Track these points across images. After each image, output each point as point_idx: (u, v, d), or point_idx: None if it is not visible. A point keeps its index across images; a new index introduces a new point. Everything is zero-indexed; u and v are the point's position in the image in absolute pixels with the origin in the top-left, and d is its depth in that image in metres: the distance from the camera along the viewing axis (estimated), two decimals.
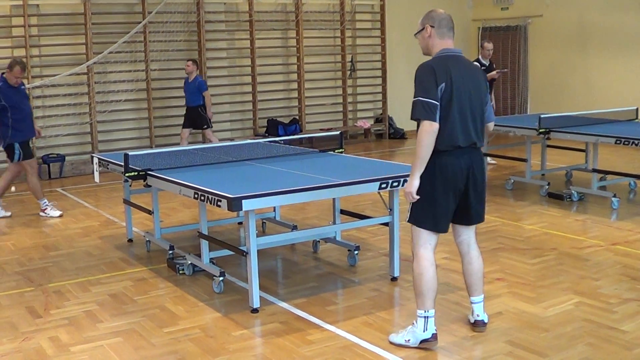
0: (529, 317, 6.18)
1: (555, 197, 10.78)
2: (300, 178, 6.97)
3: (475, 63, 13.41)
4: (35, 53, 14.64)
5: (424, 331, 5.53)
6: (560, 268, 7.52)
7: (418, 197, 5.41)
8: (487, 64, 13.60)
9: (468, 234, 5.87)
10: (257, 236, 6.46)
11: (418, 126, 5.30)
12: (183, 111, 15.28)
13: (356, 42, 18.72)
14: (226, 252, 7.39)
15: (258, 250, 6.46)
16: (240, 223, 9.48)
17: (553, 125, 10.79)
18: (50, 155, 14.51)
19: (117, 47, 14.89)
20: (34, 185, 10.94)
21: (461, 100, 5.39)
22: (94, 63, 14.77)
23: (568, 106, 16.42)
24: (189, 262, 7.63)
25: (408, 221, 5.60)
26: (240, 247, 6.90)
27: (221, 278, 7.04)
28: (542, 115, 10.96)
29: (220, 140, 15.53)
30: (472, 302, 5.94)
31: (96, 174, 8.78)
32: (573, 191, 10.68)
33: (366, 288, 7.07)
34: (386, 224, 7.29)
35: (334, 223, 8.13)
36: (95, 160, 8.79)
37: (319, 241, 8.45)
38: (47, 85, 14.47)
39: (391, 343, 5.71)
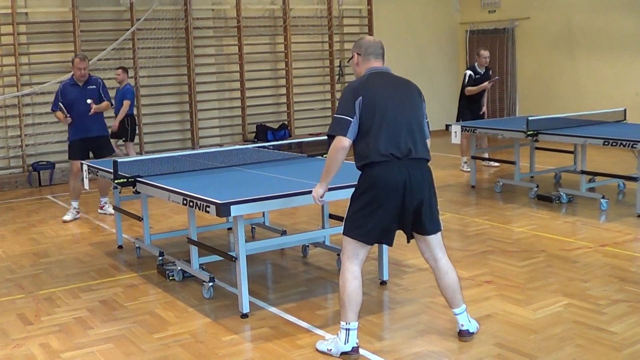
0: (518, 319, 6.20)
1: (544, 199, 10.81)
2: (289, 183, 7.00)
3: (468, 71, 13.55)
4: (24, 61, 14.65)
5: (345, 343, 5.55)
6: (549, 270, 7.55)
7: (323, 199, 5.81)
8: (483, 72, 13.60)
9: (430, 250, 5.74)
10: (246, 241, 6.49)
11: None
12: (173, 117, 15.35)
13: (344, 47, 18.73)
14: (215, 257, 7.43)
15: (247, 256, 6.49)
16: (229, 229, 9.49)
17: (541, 128, 10.82)
18: (40, 163, 14.51)
19: (106, 54, 14.89)
20: (70, 186, 11.18)
21: (388, 110, 5.41)
22: None
23: (556, 108, 16.47)
24: (179, 268, 7.64)
25: (343, 233, 5.63)
26: (230, 253, 6.89)
27: (211, 283, 7.05)
28: (530, 118, 10.99)
29: (210, 146, 15.56)
30: (454, 314, 5.89)
31: (86, 181, 8.80)
32: (562, 193, 10.72)
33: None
34: None
35: (323, 227, 8.13)
36: (85, 167, 8.79)
37: (308, 246, 8.47)
38: (37, 93, 14.45)
39: (316, 350, 5.74)
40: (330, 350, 5.62)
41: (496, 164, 13.83)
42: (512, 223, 9.68)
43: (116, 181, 7.62)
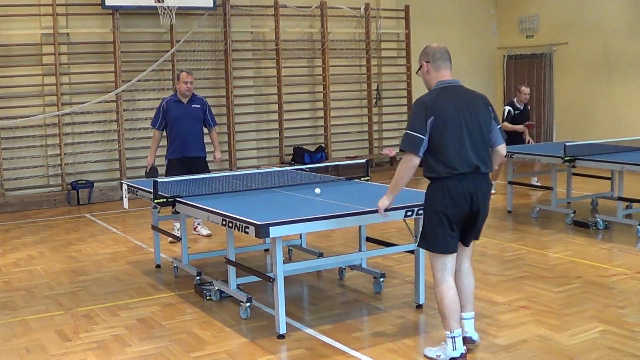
0: (554, 345, 6.19)
1: (581, 226, 10.77)
2: (326, 206, 7.03)
3: (507, 107, 13.60)
4: (65, 81, 14.82)
5: (453, 350, 5.72)
6: (585, 296, 7.53)
7: (387, 214, 6.14)
8: (522, 108, 13.62)
9: (462, 253, 6.01)
10: (284, 263, 6.52)
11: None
12: (207, 138, 15.44)
13: (382, 71, 18.81)
14: (253, 278, 7.46)
15: (284, 277, 6.52)
16: (266, 250, 9.55)
17: (578, 153, 10.79)
18: (79, 182, 14.66)
19: (146, 75, 15.05)
20: None
21: (456, 129, 5.64)
22: (123, 91, 14.93)
23: (593, 134, 16.42)
24: (216, 287, 7.70)
25: (418, 245, 6.01)
26: (267, 274, 6.96)
27: (248, 304, 7.10)
28: (567, 143, 10.97)
29: (247, 167, 15.64)
30: (462, 318, 6.00)
31: (125, 201, 8.86)
32: (599, 219, 10.68)
33: (391, 315, 7.11)
34: (411, 252, 7.33)
35: (360, 250, 8.18)
36: (125, 187, 8.87)
37: (344, 268, 8.49)
38: (77, 113, 14.65)
39: (425, 356, 5.95)
40: (439, 356, 5.85)
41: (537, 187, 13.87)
42: (549, 249, 9.66)
43: (156, 201, 7.71)
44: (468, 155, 5.65)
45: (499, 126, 5.96)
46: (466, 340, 5.99)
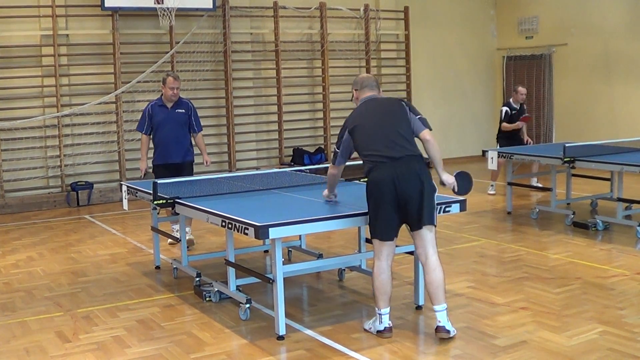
0: (553, 346, 6.19)
1: (581, 227, 10.77)
2: (326, 207, 7.04)
3: (504, 107, 13.71)
4: (64, 82, 14.82)
5: (379, 324, 6.53)
6: (584, 297, 7.52)
7: (332, 197, 7.23)
8: (518, 107, 13.68)
9: (423, 246, 6.48)
10: (283, 264, 6.53)
11: None
12: (210, 140, 15.42)
13: (381, 72, 18.77)
14: (252, 279, 7.46)
15: (284, 278, 6.52)
16: (266, 251, 9.55)
17: (578, 154, 10.78)
18: (79, 183, 14.66)
19: (145, 76, 15.04)
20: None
21: (366, 128, 6.53)
22: (122, 92, 14.93)
23: (593, 135, 16.41)
24: (216, 289, 7.70)
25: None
26: (267, 275, 6.95)
27: (247, 305, 7.10)
28: (566, 144, 10.97)
29: (246, 169, 15.63)
30: (434, 311, 6.48)
31: (125, 202, 8.86)
32: (598, 220, 10.67)
33: (391, 316, 7.09)
34: (411, 253, 7.31)
35: (360, 251, 8.17)
36: (124, 188, 8.87)
37: (344, 269, 8.49)
38: (76, 114, 14.64)
39: (363, 329, 6.71)
40: (370, 328, 6.62)
41: (539, 184, 13.89)
42: (548, 250, 9.65)
43: (155, 202, 7.70)
44: (378, 147, 6.40)
45: (417, 117, 6.59)
46: (440, 330, 6.38)
